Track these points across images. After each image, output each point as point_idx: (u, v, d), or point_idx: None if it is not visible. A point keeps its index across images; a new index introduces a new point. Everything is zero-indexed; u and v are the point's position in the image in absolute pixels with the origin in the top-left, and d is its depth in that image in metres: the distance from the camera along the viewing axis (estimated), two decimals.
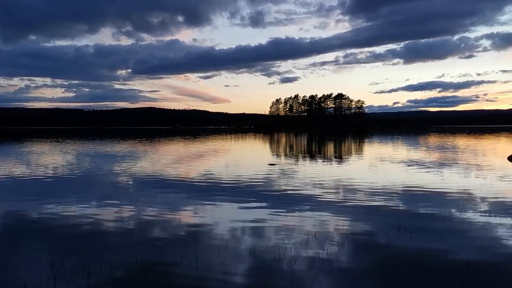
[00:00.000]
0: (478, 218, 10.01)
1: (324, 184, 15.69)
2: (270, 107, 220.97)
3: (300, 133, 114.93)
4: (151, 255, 7.43)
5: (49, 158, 28.51)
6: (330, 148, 41.59)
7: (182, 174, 19.46)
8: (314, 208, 11.26)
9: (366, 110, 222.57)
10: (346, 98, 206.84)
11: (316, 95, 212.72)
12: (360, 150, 37.85)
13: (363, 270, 6.70)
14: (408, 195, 13.29)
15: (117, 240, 8.37)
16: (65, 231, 9.07)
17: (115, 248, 7.86)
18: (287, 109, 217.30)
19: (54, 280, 6.29)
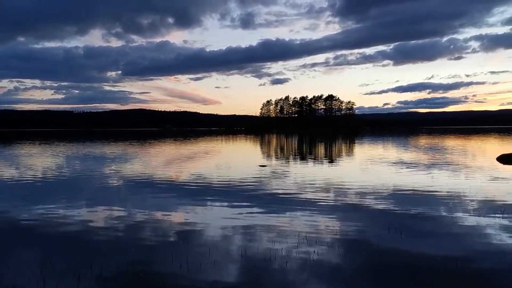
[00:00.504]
0: (468, 219, 10.09)
1: (315, 186, 15.72)
2: (261, 109, 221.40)
3: (291, 134, 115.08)
4: (142, 257, 7.39)
5: (38, 161, 28.27)
6: (321, 150, 41.69)
7: (172, 176, 19.39)
8: (304, 210, 11.28)
9: (357, 111, 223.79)
10: (336, 100, 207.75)
11: (307, 96, 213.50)
12: (350, 151, 37.98)
13: (354, 271, 6.72)
14: (398, 196, 13.36)
15: (107, 243, 8.32)
16: (54, 234, 9.00)
17: (105, 250, 7.80)
18: (278, 110, 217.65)
19: (43, 283, 6.23)
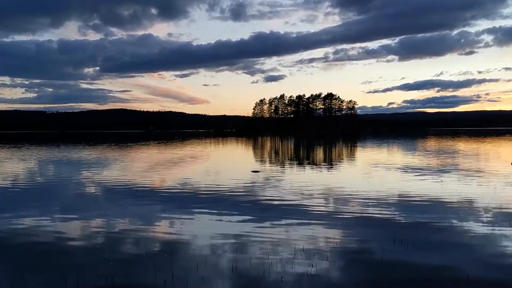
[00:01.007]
0: (481, 229, 10.15)
1: (313, 193, 15.75)
2: (254, 109, 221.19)
3: (287, 136, 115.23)
4: (122, 272, 7.36)
5: (7, 167, 28.10)
6: (320, 153, 41.77)
7: (156, 183, 19.35)
8: (302, 220, 11.29)
9: (359, 111, 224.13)
10: (336, 98, 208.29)
11: (304, 95, 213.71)
12: (352, 156, 38.10)
13: (356, 286, 6.74)
14: (404, 204, 13.42)
15: (83, 257, 8.28)
16: (24, 248, 8.94)
17: (81, 265, 7.76)
18: (272, 110, 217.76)
19: None
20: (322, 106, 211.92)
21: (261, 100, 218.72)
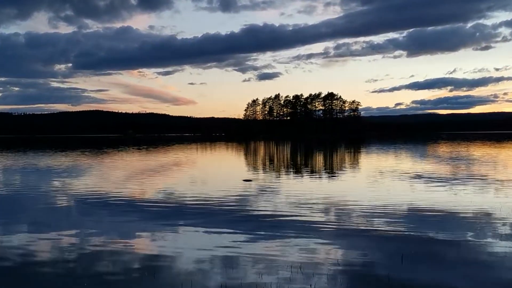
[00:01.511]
0: (499, 246, 10.19)
1: (312, 205, 15.77)
2: (245, 110, 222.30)
3: (282, 141, 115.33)
4: None
5: None
6: (319, 160, 41.86)
7: (136, 194, 19.30)
8: (299, 234, 11.29)
9: (363, 113, 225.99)
10: (338, 99, 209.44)
11: (302, 94, 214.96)
12: (355, 163, 38.23)
13: None
14: (413, 217, 13.47)
15: (54, 277, 8.24)
16: None
17: (52, 286, 7.73)
18: (266, 112, 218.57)
19: None
20: (321, 107, 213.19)
21: (253, 101, 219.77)
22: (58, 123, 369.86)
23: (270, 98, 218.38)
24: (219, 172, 30.99)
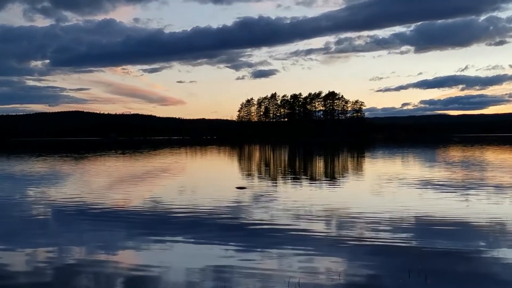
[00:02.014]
0: None
1: (311, 215, 15.79)
2: (239, 111, 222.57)
3: (279, 145, 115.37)
4: None
5: None
6: (319, 165, 41.89)
7: (119, 203, 19.27)
8: (297, 247, 11.30)
9: (367, 114, 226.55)
10: (339, 98, 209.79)
11: (300, 94, 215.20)
12: (359, 168, 38.29)
13: None
14: (422, 228, 13.51)
15: None
16: None
17: None
18: (262, 113, 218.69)
19: None
20: (322, 108, 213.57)
21: (248, 101, 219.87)
22: (34, 125, 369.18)
23: (266, 98, 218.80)
24: (210, 179, 30.96)
